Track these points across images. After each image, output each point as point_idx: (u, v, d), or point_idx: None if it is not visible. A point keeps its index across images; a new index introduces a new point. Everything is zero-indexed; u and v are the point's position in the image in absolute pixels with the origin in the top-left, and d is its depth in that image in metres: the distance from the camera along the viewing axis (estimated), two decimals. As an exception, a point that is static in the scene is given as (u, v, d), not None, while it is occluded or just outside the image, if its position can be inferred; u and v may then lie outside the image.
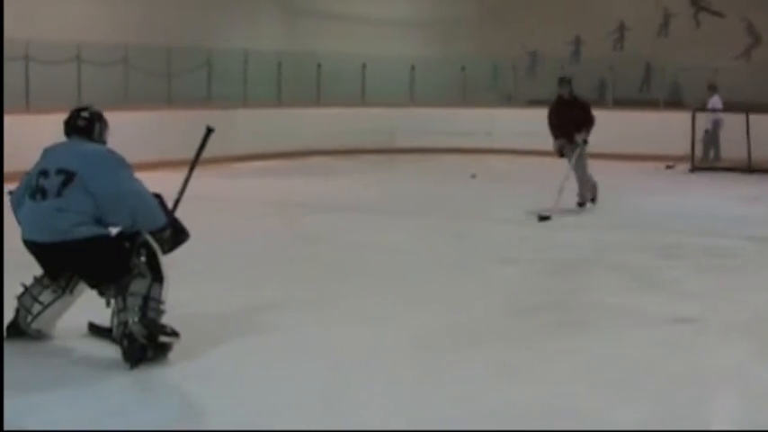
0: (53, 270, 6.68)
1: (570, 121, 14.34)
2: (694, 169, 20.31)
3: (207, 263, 9.64)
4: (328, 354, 6.79)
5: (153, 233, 6.60)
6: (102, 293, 6.64)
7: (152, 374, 6.25)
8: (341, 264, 10.19)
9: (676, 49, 25.03)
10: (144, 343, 6.32)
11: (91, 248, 6.42)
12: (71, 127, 6.81)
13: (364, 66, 24.20)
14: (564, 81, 14.79)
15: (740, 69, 23.98)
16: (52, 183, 6.46)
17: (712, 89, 21.49)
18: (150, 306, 6.39)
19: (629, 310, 8.18)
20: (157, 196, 6.80)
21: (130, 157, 6.80)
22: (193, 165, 7.29)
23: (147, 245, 6.52)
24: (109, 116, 6.98)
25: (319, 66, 23.67)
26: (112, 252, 6.51)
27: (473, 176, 18.30)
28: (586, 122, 14.33)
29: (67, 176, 6.44)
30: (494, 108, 23.73)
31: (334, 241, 11.58)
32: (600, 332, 7.54)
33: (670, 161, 20.95)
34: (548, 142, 14.41)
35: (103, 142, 6.87)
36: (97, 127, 6.84)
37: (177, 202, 7.14)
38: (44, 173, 6.53)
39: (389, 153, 22.90)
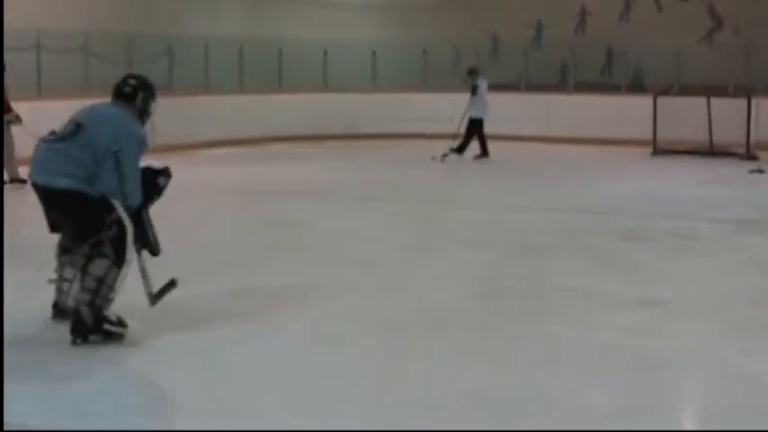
0: (49, 218, 6.75)
1: None
2: (656, 153, 20.34)
3: (172, 250, 9.57)
4: (296, 339, 6.78)
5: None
6: (70, 261, 6.73)
7: (121, 361, 6.24)
8: (307, 250, 10.15)
9: (638, 34, 25.01)
10: (90, 326, 6.37)
11: (70, 201, 6.45)
12: (115, 91, 6.90)
13: (326, 51, 24.14)
14: None
15: (702, 53, 24.03)
16: (64, 129, 6.59)
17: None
18: (101, 293, 6.41)
19: (595, 293, 8.19)
20: (165, 171, 6.97)
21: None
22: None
23: (119, 223, 6.50)
24: (68, 104, 6.96)
25: (280, 52, 23.59)
26: (88, 211, 6.49)
27: (433, 158, 18.37)
28: None
29: (77, 126, 6.53)
30: (456, 93, 23.69)
31: (299, 227, 11.51)
32: (567, 316, 7.55)
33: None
34: (510, 126, 14.23)
35: (146, 113, 6.96)
36: (140, 96, 6.91)
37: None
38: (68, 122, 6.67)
39: (352, 139, 22.84)
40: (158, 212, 6.99)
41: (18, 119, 14.11)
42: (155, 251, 6.90)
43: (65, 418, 5.28)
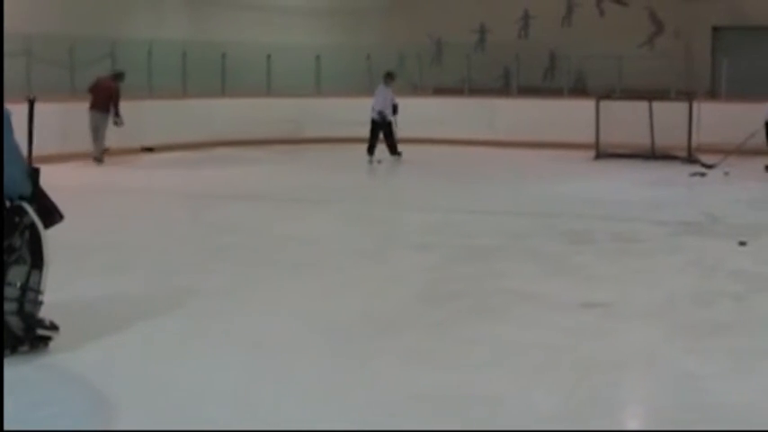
0: None
1: None
2: (599, 156, 20.47)
3: (116, 254, 9.53)
4: (243, 343, 6.75)
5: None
6: None
7: (61, 365, 6.19)
8: (253, 253, 10.13)
9: (580, 38, 25.24)
10: (20, 335, 6.23)
11: None
12: None
13: (269, 56, 24.07)
14: None
15: (644, 57, 24.27)
16: None
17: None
18: (28, 298, 6.26)
19: (541, 295, 8.24)
20: (35, 170, 6.57)
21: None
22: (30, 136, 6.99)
23: (32, 226, 6.32)
24: (11, 108, 6.83)
25: (224, 56, 23.50)
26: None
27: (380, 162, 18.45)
28: None
29: None
30: (400, 97, 23.72)
31: (245, 231, 11.48)
32: (512, 318, 7.58)
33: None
34: (453, 129, 14.33)
35: None
36: None
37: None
38: None
39: (296, 143, 22.82)
40: (101, 217, 6.95)
41: (122, 122, 18.34)
42: (57, 219, 6.67)
43: (9, 424, 5.23)
